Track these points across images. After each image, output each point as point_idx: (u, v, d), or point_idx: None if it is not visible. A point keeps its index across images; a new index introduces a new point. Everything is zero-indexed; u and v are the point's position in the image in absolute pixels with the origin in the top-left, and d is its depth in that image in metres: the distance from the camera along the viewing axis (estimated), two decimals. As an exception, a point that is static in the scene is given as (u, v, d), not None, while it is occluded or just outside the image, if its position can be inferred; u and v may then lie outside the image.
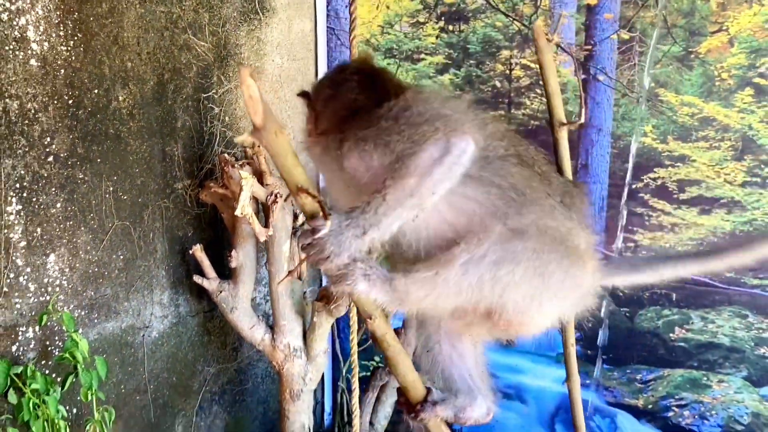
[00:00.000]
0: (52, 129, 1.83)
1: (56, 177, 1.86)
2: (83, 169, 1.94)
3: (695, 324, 2.63)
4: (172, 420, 2.39)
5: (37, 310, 1.82)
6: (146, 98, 2.15)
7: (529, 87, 2.74)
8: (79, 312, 1.97)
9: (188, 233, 2.37)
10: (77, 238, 1.94)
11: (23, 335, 1.80)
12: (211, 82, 2.42)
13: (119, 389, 2.14)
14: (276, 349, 2.33)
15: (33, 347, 1.83)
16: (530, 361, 2.97)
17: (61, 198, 1.88)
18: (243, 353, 2.77)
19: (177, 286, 2.35)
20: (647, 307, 2.71)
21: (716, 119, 2.45)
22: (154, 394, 2.29)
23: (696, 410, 2.70)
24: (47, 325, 1.84)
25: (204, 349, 2.53)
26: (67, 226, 1.90)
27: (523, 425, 3.06)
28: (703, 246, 2.56)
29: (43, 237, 1.83)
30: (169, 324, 2.34)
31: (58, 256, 1.88)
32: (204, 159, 2.41)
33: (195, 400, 2.50)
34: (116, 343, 2.11)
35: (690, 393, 2.69)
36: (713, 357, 2.63)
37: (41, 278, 1.83)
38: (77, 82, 1.90)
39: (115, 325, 2.10)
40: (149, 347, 2.25)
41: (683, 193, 2.55)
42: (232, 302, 2.28)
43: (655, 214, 2.61)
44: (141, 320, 2.21)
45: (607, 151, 2.64)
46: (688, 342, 2.66)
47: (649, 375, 2.77)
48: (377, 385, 2.54)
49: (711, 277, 2.56)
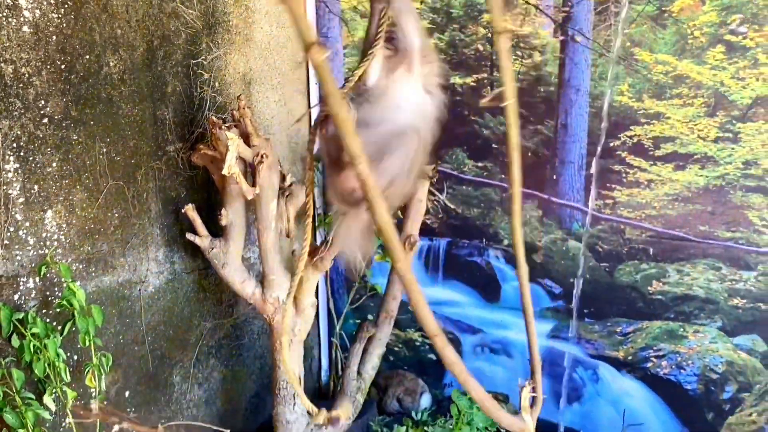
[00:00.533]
0: (46, 92, 1.95)
1: (51, 138, 1.97)
2: (77, 130, 2.06)
3: (671, 277, 2.73)
4: (169, 371, 2.54)
5: (36, 262, 1.95)
6: (136, 64, 2.25)
7: (510, 49, 2.81)
8: (77, 265, 2.10)
9: (181, 194, 2.49)
10: (73, 196, 2.06)
11: (24, 285, 1.93)
12: (200, 49, 2.52)
13: (118, 339, 2.28)
14: (266, 303, 2.45)
15: (34, 297, 1.96)
16: (515, 317, 3.08)
17: (57, 158, 2.00)
18: (239, 310, 2.91)
19: (171, 244, 2.48)
20: (626, 261, 2.80)
21: (689, 76, 2.52)
22: (152, 345, 2.43)
23: (673, 360, 2.80)
24: (47, 276, 1.98)
25: (200, 305, 2.66)
26: (63, 185, 2.02)
27: (510, 378, 3.18)
28: (678, 201, 2.65)
29: (40, 194, 1.95)
30: (165, 280, 2.47)
31: (55, 212, 2.00)
32: (195, 123, 2.52)
33: (192, 353, 2.65)
34: (113, 296, 2.25)
35: (667, 344, 2.80)
36: (689, 308, 2.73)
37: (40, 233, 1.96)
38: (69, 48, 2.00)
39: (112, 279, 2.24)
40: (146, 301, 2.39)
41: (658, 149, 2.63)
42: (223, 258, 2.41)
43: (632, 171, 2.69)
44: (137, 275, 2.34)
45: (585, 111, 2.72)
46: (665, 295, 2.76)
47: (629, 327, 2.87)
48: (364, 337, 2.67)
49: (686, 232, 2.65)
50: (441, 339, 1.20)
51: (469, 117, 2.96)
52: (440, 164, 3.04)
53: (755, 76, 2.41)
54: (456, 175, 3.05)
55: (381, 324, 2.71)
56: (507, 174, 1.27)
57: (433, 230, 3.19)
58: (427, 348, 3.37)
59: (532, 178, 2.90)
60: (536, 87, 2.80)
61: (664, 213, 2.67)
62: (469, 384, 1.27)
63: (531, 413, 1.49)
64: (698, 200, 2.61)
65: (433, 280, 3.28)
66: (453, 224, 3.14)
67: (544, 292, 3.01)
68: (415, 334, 3.37)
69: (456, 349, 3.18)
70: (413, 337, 3.38)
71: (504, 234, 3.04)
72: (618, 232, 2.78)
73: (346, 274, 3.37)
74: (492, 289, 3.13)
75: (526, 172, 2.88)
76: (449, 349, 1.22)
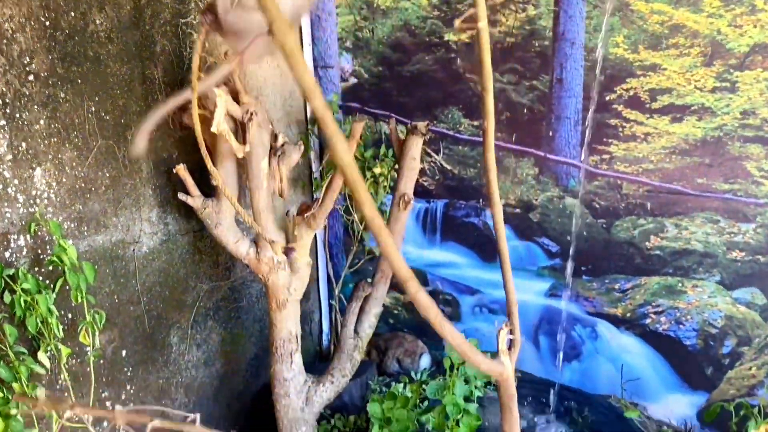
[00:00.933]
0: (31, 49, 1.93)
1: (38, 95, 1.97)
2: (64, 88, 2.04)
3: (669, 232, 2.70)
4: (167, 331, 2.55)
5: (26, 220, 1.95)
6: (123, 22, 2.24)
7: (504, 4, 2.77)
8: (68, 224, 2.10)
9: (173, 155, 2.48)
10: (62, 155, 2.05)
11: (15, 243, 1.94)
12: (189, 8, 2.49)
13: (113, 299, 2.29)
14: (260, 262, 2.45)
15: (25, 255, 1.97)
16: (513, 277, 3.06)
17: (44, 116, 1.99)
18: (236, 273, 2.92)
19: (164, 205, 2.48)
20: (623, 217, 2.78)
21: (686, 25, 2.47)
22: (148, 306, 2.44)
23: (672, 316, 2.79)
24: (37, 234, 1.98)
25: (196, 267, 2.67)
26: (51, 143, 2.02)
27: (508, 338, 3.17)
28: (676, 154, 2.61)
29: (28, 151, 1.95)
30: (159, 241, 2.47)
31: (44, 170, 2.00)
32: (185, 83, 2.50)
33: (189, 315, 2.66)
34: (107, 256, 2.25)
35: (666, 299, 2.78)
36: (687, 263, 2.71)
37: (29, 190, 1.96)
38: (53, 4, 1.98)
39: (104, 239, 2.24)
40: (140, 261, 2.39)
41: (655, 102, 2.59)
42: (216, 218, 2.41)
43: (629, 124, 2.65)
44: (130, 235, 2.34)
45: (580, 65, 2.68)
46: (663, 250, 2.74)
47: (627, 284, 2.86)
48: (360, 296, 2.66)
49: (684, 185, 2.62)
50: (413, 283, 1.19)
51: (464, 75, 2.93)
52: (435, 124, 3.01)
53: (753, 23, 2.36)
54: (452, 135, 3.03)
55: (377, 283, 2.70)
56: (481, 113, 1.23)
57: (430, 192, 3.18)
58: (426, 310, 3.36)
59: (528, 135, 2.87)
60: (530, 41, 2.76)
61: (661, 167, 2.64)
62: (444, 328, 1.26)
63: (509, 356, 1.47)
64: (696, 152, 2.57)
65: (430, 242, 3.27)
66: (449, 185, 3.12)
67: (541, 251, 3.00)
68: (415, 296, 3.37)
69: (454, 311, 3.20)
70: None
71: (501, 194, 3.02)
72: (615, 188, 2.75)
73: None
74: (489, 249, 3.12)
75: (521, 129, 2.88)
76: (422, 293, 1.20)
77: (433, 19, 2.88)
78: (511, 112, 2.88)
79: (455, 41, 2.90)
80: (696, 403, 2.84)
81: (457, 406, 2.29)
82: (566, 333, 3.03)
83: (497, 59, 2.83)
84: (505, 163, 2.95)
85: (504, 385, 1.49)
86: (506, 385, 1.49)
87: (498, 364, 1.45)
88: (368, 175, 3.08)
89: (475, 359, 1.36)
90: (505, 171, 2.96)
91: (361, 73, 3.16)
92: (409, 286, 1.26)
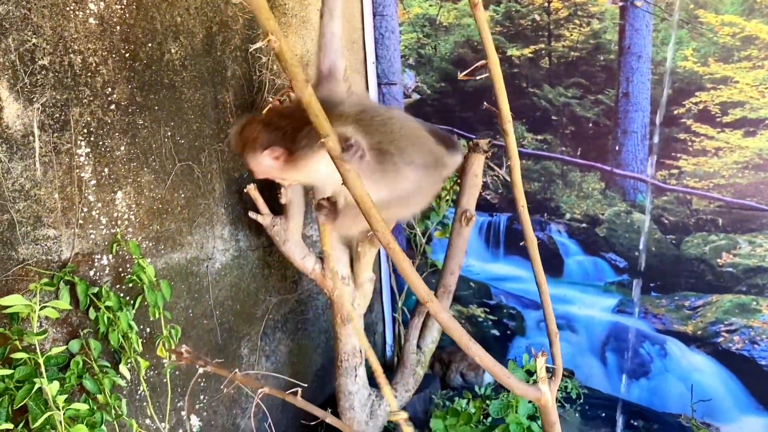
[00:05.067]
0: (112, 80, 2.06)
1: (119, 123, 2.09)
2: (142, 115, 2.17)
3: (743, 249, 2.62)
4: (237, 343, 2.66)
5: (109, 240, 2.08)
6: (196, 50, 2.35)
7: (568, 18, 2.75)
8: (147, 243, 2.22)
9: (243, 174, 2.59)
10: (141, 178, 2.18)
11: (98, 262, 2.07)
12: (258, 33, 2.59)
13: (187, 313, 2.41)
14: (326, 278, 2.53)
15: (108, 273, 2.10)
16: (578, 291, 3.04)
17: (125, 142, 2.12)
18: (303, 286, 3.00)
19: (236, 223, 2.58)
20: (693, 233, 2.71)
21: (758, 37, 2.39)
22: (220, 319, 2.56)
23: (746, 335, 2.70)
24: (118, 254, 2.11)
25: (265, 281, 2.77)
26: (131, 167, 2.14)
27: (574, 354, 3.15)
28: (749, 169, 2.53)
29: (110, 176, 2.08)
30: (231, 257, 2.58)
31: (125, 193, 2.13)
32: (255, 106, 2.60)
33: (259, 327, 2.76)
34: (182, 272, 2.37)
35: (739, 318, 2.70)
36: (762, 281, 2.62)
37: (111, 213, 2.09)
38: (132, 37, 2.11)
39: (180, 257, 2.36)
40: (213, 277, 2.50)
41: (726, 116, 2.51)
42: (284, 235, 2.49)
43: (698, 139, 2.59)
44: (204, 252, 2.46)
45: (647, 78, 2.63)
46: (735, 267, 2.66)
47: (698, 301, 2.78)
48: (423, 311, 2.70)
49: (758, 201, 2.54)
50: (434, 304, 1.21)
51: (527, 89, 2.92)
52: (498, 139, 3.02)
53: (832, 33, 2.27)
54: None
55: (440, 298, 2.73)
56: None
57: (493, 206, 3.18)
58: (490, 324, 3.37)
59: (593, 149, 2.84)
60: (595, 55, 2.72)
61: (733, 182, 2.56)
62: (472, 350, 1.28)
63: (549, 384, 1.48)
64: (770, 167, 2.48)
65: (494, 256, 3.27)
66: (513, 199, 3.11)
67: (608, 266, 2.95)
68: (478, 309, 3.38)
69: (519, 325, 3.19)
70: (476, 313, 3.39)
71: (566, 208, 2.99)
72: (684, 203, 2.69)
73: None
74: (554, 263, 3.09)
75: (587, 143, 2.85)
76: (444, 314, 1.23)
77: (495, 34, 2.89)
78: (575, 127, 2.85)
79: (518, 56, 2.90)
80: (772, 425, 2.73)
81: (521, 425, 2.29)
82: (634, 350, 2.98)
83: (561, 74, 2.81)
84: (570, 177, 2.92)
85: (544, 411, 1.50)
86: (546, 411, 1.49)
87: (535, 390, 1.45)
88: (431, 189, 3.11)
89: (509, 383, 1.38)
90: (571, 185, 2.93)
91: (424, 89, 3.19)
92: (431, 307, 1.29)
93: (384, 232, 1.10)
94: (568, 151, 2.90)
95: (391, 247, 1.11)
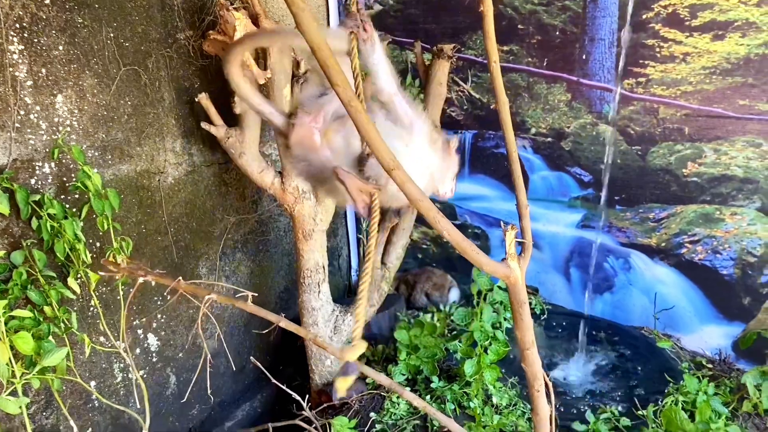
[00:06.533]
0: (45, -29, 1.89)
1: (55, 20, 1.93)
2: (81, 13, 2.01)
3: (708, 157, 2.60)
4: (195, 262, 2.57)
5: (50, 147, 1.94)
6: (139, -55, 2.17)
7: None
8: (92, 153, 2.09)
9: (195, 84, 2.45)
10: (83, 81, 2.03)
11: (40, 170, 1.94)
12: (206, -69, 2.41)
13: (140, 229, 2.30)
14: (285, 192, 2.43)
15: (51, 182, 1.97)
16: (543, 208, 3.01)
17: (63, 41, 1.96)
18: (263, 206, 2.91)
19: (188, 136, 2.45)
20: (659, 143, 2.68)
21: (730, -66, 2.31)
22: (175, 236, 2.45)
23: (709, 245, 2.71)
24: (62, 162, 1.98)
25: (222, 199, 2.66)
26: (71, 69, 1.99)
27: (538, 271, 3.14)
28: (717, 74, 2.48)
29: (48, 78, 1.93)
30: (184, 171, 2.46)
31: (65, 97, 1.98)
32: (205, 10, 2.44)
33: (217, 246, 2.67)
34: (132, 185, 2.25)
35: (703, 228, 2.70)
36: (726, 190, 2.61)
37: (51, 117, 1.95)
38: (65, -76, 1.93)
39: (129, 168, 2.24)
40: (166, 192, 2.39)
41: (695, 19, 2.45)
42: (239, 148, 2.37)
43: (666, 44, 2.53)
44: (155, 165, 2.33)
45: (616, -18, 2.54)
46: (700, 176, 2.64)
47: (662, 213, 2.77)
48: (387, 227, 2.64)
49: (724, 107, 2.50)
50: (400, 172, 1.13)
51: (493, -2, 2.81)
52: (463, 50, 2.91)
53: (804, -72, 2.19)
54: (480, 62, 2.93)
55: (404, 214, 2.67)
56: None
57: (459, 122, 3.10)
58: (455, 244, 3.33)
59: (560, 59, 2.76)
60: (563, -42, 2.62)
61: (701, 88, 2.52)
62: (440, 223, 1.21)
63: (519, 261, 1.43)
64: (738, 72, 2.44)
65: (459, 175, 3.20)
66: (478, 115, 3.04)
67: (573, 181, 2.92)
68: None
69: (483, 244, 3.16)
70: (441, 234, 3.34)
71: (531, 122, 2.93)
72: (651, 112, 2.64)
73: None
74: (520, 180, 3.04)
75: (554, 52, 2.76)
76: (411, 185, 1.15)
77: (460, -62, 2.75)
78: (542, 35, 2.76)
79: (483, -38, 2.77)
80: (731, 333, 2.77)
81: (485, 332, 2.27)
82: (598, 265, 2.97)
83: (528, -21, 2.71)
84: (536, 90, 2.85)
85: (513, 290, 1.45)
86: (515, 290, 1.45)
87: (504, 266, 1.40)
88: (394, 105, 3.01)
89: (477, 259, 1.32)
90: (536, 98, 2.86)
91: (386, 0, 3.05)
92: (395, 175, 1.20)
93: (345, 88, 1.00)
94: (534, 62, 2.81)
95: (353, 105, 1.02)
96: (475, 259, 1.30)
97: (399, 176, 1.11)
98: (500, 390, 2.45)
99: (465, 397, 2.38)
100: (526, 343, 1.51)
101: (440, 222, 1.20)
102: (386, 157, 1.09)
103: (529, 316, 1.50)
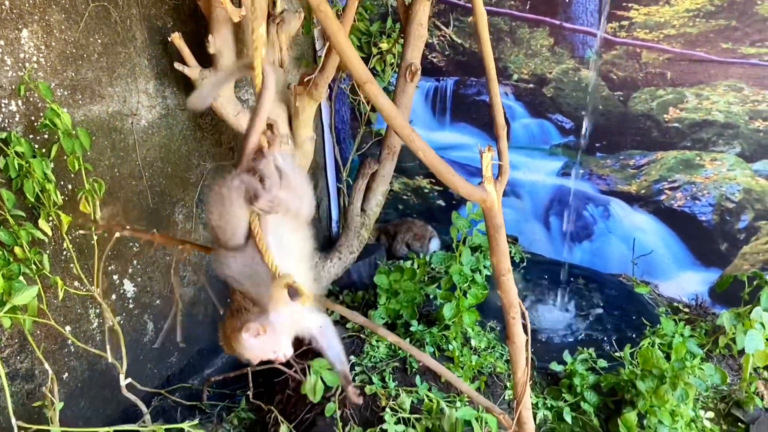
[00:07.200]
0: None
1: (17, -51, 1.85)
2: (45, -57, 1.92)
3: (690, 102, 2.58)
4: (171, 208, 2.52)
5: (16, 84, 1.88)
6: None
7: None
8: (61, 91, 2.02)
9: (168, 24, 2.37)
10: (49, 16, 1.95)
11: (6, 108, 1.87)
12: None
13: (113, 172, 2.25)
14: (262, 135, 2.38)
15: (18, 121, 1.90)
16: (524, 156, 2.99)
17: (26, -28, 1.88)
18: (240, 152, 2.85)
19: (161, 78, 2.38)
20: (641, 88, 2.65)
21: None
22: (150, 181, 2.40)
23: (688, 191, 2.71)
24: (29, 100, 1.91)
25: (198, 144, 2.60)
26: (36, 3, 1.91)
27: (518, 220, 3.14)
28: (700, 17, 2.45)
29: (12, 11, 1.85)
30: (158, 114, 2.40)
31: (31, 32, 1.91)
32: (177, -55, 2.36)
33: (194, 193, 2.62)
34: (104, 127, 2.19)
35: (683, 174, 2.70)
36: (707, 135, 2.60)
37: (17, 53, 1.88)
38: None
39: (101, 109, 2.17)
40: (139, 135, 2.33)
41: (680, -41, 2.41)
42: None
43: (651, -15, 2.48)
44: (127, 107, 2.27)
45: None
46: (681, 122, 2.63)
47: (642, 159, 2.77)
48: (367, 173, 2.61)
49: (707, 51, 2.47)
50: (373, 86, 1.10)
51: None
52: (444, -7, 2.85)
53: None
54: (462, 5, 2.87)
55: (384, 160, 2.64)
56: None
57: (440, 69, 3.05)
58: (435, 194, 3.31)
59: (543, 2, 2.71)
60: None
61: (684, 32, 2.49)
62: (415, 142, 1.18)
63: (495, 185, 1.41)
64: (722, 14, 2.41)
65: (440, 124, 3.17)
66: (461, 61, 2.99)
67: (554, 128, 2.90)
68: (424, 181, 3.31)
69: (465, 193, 3.13)
70: (422, 184, 3.32)
71: (513, 68, 2.88)
72: (633, 57, 2.61)
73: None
74: (501, 128, 3.01)
75: (535, -5, 2.71)
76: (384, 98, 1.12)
77: None
78: (525, -22, 2.70)
79: None
80: (708, 279, 2.80)
81: (464, 275, 2.26)
82: (578, 213, 2.97)
83: None
84: (519, 35, 2.80)
85: (489, 214, 1.43)
86: (491, 214, 1.43)
87: (480, 190, 1.38)
88: (374, 51, 2.95)
89: (453, 181, 1.30)
90: (519, 43, 2.81)
91: (366, -59, 2.97)
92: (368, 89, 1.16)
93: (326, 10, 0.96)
94: (517, 5, 2.76)
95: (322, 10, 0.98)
96: (450, 181, 1.27)
97: (372, 90, 1.08)
98: (479, 333, 2.46)
99: (444, 340, 2.39)
100: (502, 270, 1.50)
101: (415, 141, 1.17)
102: (359, 69, 1.06)
103: (505, 242, 1.48)
